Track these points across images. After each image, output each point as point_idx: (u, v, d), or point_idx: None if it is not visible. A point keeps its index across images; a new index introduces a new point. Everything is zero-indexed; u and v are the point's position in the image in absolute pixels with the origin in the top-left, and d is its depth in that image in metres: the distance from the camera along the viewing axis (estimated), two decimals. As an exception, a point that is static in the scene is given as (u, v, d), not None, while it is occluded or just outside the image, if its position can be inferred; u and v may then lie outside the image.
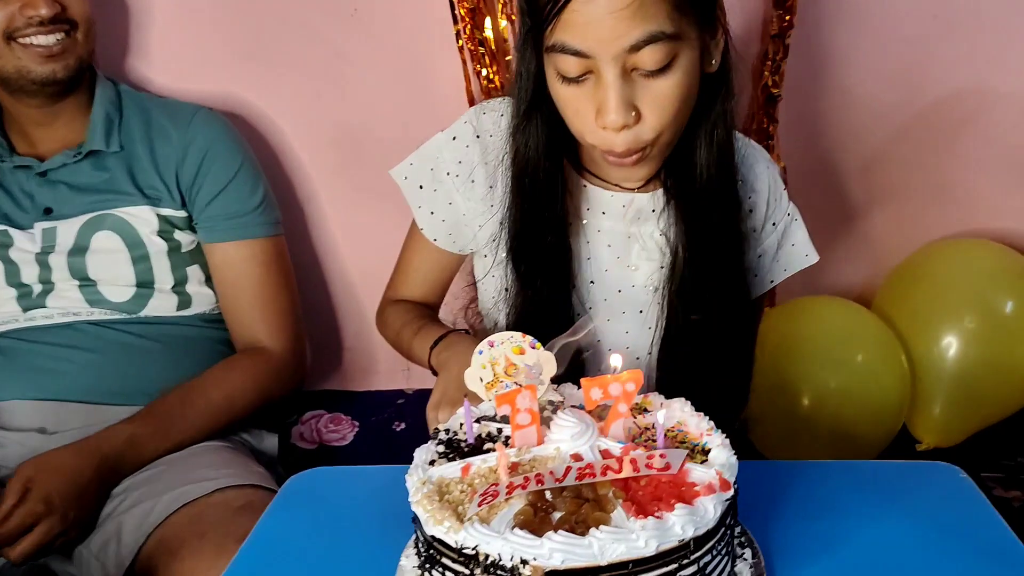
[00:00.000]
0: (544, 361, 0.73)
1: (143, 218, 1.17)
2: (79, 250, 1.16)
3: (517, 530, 0.57)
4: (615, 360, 0.69)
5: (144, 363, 1.17)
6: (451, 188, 0.94)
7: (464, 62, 1.33)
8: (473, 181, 0.92)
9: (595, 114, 0.77)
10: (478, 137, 0.93)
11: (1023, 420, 1.29)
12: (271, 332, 1.21)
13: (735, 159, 0.87)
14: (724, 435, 0.67)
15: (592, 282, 0.93)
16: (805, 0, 1.31)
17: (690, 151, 0.85)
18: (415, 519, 0.62)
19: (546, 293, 0.88)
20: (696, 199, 0.86)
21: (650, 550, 0.56)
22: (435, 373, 0.89)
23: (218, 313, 1.25)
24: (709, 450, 0.65)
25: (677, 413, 0.71)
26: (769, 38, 1.32)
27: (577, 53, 0.74)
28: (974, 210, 1.39)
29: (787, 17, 1.30)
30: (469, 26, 1.31)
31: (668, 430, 0.69)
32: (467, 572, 0.58)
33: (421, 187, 0.96)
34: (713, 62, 0.81)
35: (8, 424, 1.11)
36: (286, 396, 1.24)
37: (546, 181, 0.86)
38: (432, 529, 0.59)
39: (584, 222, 0.91)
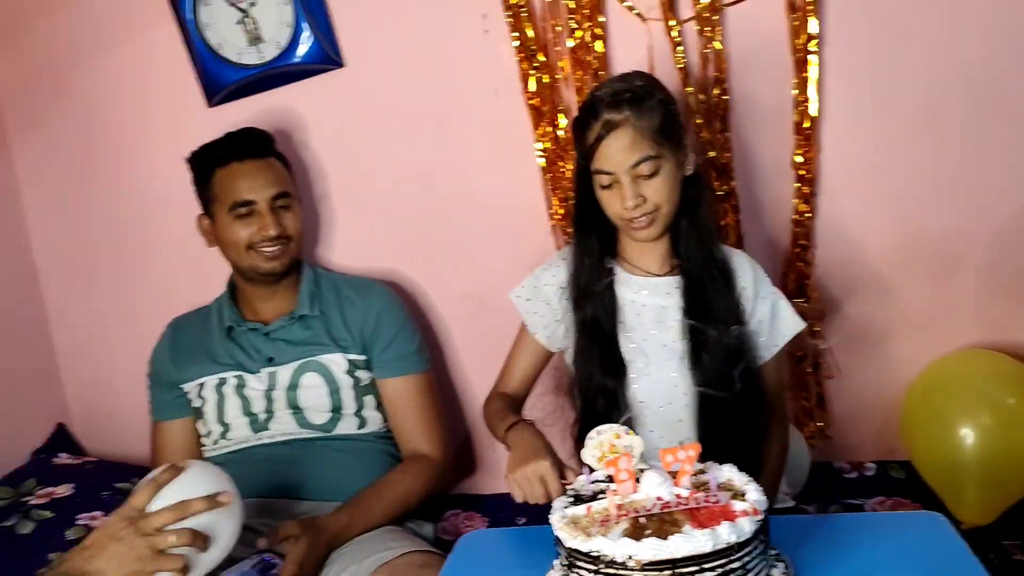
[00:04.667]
0: (635, 442, 1.10)
1: (336, 362, 1.61)
2: (292, 387, 1.60)
3: (624, 538, 0.92)
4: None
5: (337, 469, 1.57)
6: (548, 294, 1.42)
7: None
8: (562, 288, 1.40)
9: (621, 203, 1.28)
10: (564, 260, 1.41)
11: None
12: (431, 444, 1.61)
13: (719, 243, 1.38)
14: (758, 485, 1.02)
15: (644, 340, 1.36)
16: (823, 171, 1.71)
17: (691, 236, 1.34)
18: (557, 540, 0.98)
19: (601, 349, 1.37)
20: (699, 275, 1.34)
21: (708, 548, 0.90)
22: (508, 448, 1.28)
23: (386, 431, 1.66)
24: (745, 493, 1.00)
25: (727, 473, 1.06)
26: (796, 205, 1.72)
27: (607, 173, 1.28)
28: (980, 326, 1.71)
29: (807, 176, 1.70)
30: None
31: (720, 483, 1.04)
32: (594, 568, 0.93)
33: (528, 300, 1.45)
34: (688, 168, 1.32)
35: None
36: (439, 493, 1.63)
37: (601, 274, 1.37)
38: (570, 543, 0.95)
39: (632, 300, 1.37)
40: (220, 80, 1.86)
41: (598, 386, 1.37)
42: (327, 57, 1.81)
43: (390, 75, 1.82)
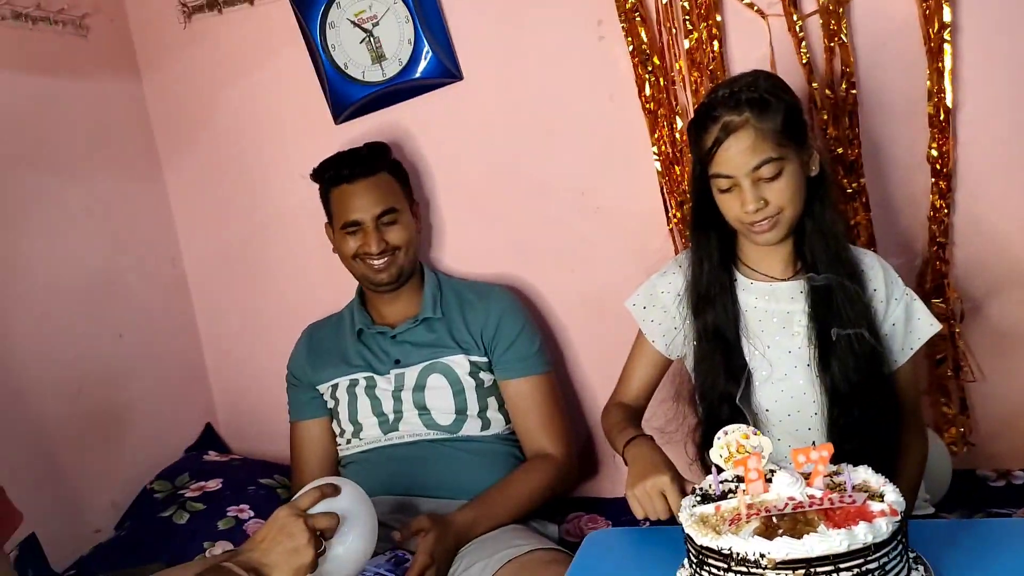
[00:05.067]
0: (764, 442, 1.09)
1: (460, 364, 1.66)
2: (419, 388, 1.66)
3: (757, 537, 0.91)
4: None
5: (462, 469, 1.62)
6: (665, 301, 1.40)
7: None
8: (679, 295, 1.37)
9: (741, 207, 1.24)
10: (680, 266, 1.39)
11: None
12: (555, 444, 1.63)
13: (847, 245, 1.31)
14: (895, 486, 0.98)
15: (769, 346, 1.33)
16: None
17: (816, 239, 1.29)
18: (687, 538, 0.98)
19: (723, 354, 1.33)
20: (826, 278, 1.28)
21: (843, 548, 0.88)
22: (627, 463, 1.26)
23: (508, 432, 1.70)
24: (883, 495, 0.97)
25: (863, 474, 1.03)
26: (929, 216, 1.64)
27: (726, 176, 1.25)
28: None
29: (944, 170, 1.61)
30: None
31: (856, 485, 1.01)
32: (725, 566, 0.92)
33: (644, 308, 1.43)
34: (813, 168, 1.27)
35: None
36: (563, 494, 1.65)
37: (721, 279, 1.34)
38: (701, 540, 0.95)
39: (754, 306, 1.34)
40: (346, 98, 1.95)
41: (721, 394, 1.34)
42: (446, 71, 1.88)
43: (507, 85, 1.87)
